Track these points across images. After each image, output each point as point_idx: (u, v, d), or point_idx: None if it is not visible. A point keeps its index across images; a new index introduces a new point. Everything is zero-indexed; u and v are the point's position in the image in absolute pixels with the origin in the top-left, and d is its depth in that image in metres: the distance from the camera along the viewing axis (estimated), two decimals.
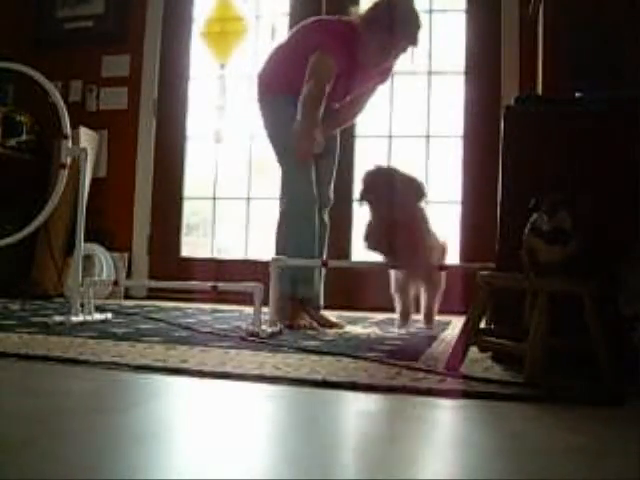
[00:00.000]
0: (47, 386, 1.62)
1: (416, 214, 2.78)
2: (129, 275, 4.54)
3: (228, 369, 1.80)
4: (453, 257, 4.20)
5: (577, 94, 2.12)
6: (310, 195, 2.92)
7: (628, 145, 1.98)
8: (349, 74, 2.86)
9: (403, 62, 3.03)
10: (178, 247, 4.65)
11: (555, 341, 1.75)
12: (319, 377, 1.72)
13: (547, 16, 2.56)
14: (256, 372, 1.77)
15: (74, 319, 2.72)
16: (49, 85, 3.03)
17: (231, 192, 4.72)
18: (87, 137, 4.44)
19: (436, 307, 3.00)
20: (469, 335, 1.89)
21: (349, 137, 4.41)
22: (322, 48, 2.76)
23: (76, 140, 4.19)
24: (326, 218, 3.17)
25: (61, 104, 2.98)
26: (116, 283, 3.90)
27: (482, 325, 2.00)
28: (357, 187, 4.37)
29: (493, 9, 4.21)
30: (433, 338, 2.66)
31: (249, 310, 2.97)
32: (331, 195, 3.16)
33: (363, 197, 2.77)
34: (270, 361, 1.95)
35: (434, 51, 4.37)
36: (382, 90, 4.37)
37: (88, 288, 2.89)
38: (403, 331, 2.81)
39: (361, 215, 4.39)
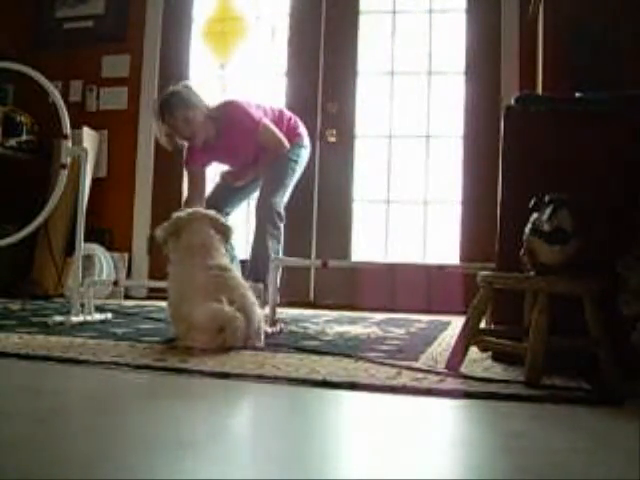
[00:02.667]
0: (47, 386, 1.62)
1: None
2: (129, 275, 4.54)
3: (228, 369, 1.80)
4: (453, 257, 4.22)
5: (577, 94, 2.12)
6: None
7: (628, 145, 1.98)
8: (215, 153, 3.48)
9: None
10: None
11: (555, 341, 1.75)
12: (319, 377, 1.71)
13: (547, 16, 2.56)
14: (256, 372, 1.77)
15: (74, 319, 2.72)
16: (49, 85, 3.02)
17: None
18: (89, 137, 4.44)
19: None
20: (469, 335, 1.89)
21: (349, 137, 4.42)
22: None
23: (79, 140, 4.19)
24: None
25: (61, 104, 2.98)
26: (116, 283, 3.90)
27: (482, 325, 2.00)
28: (357, 187, 4.42)
29: (493, 9, 4.21)
30: (433, 338, 2.66)
31: None
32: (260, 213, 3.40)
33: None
34: (270, 361, 1.95)
35: (434, 51, 4.37)
36: (382, 90, 4.41)
37: (88, 288, 2.89)
38: None
39: (361, 215, 4.42)
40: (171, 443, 1.16)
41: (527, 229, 1.82)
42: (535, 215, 1.81)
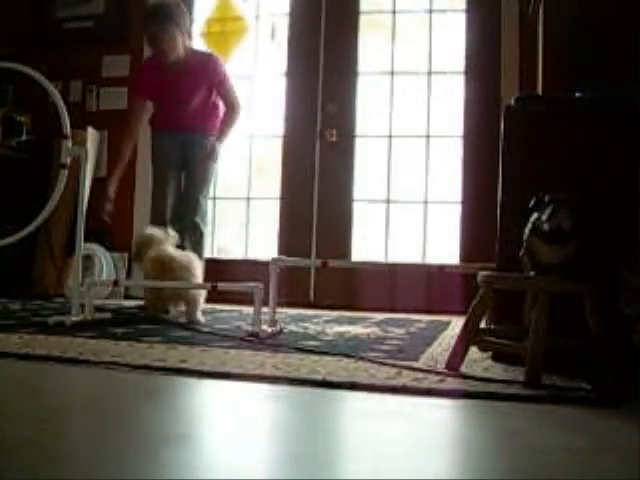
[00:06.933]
0: (47, 386, 1.62)
1: None
2: (129, 275, 4.54)
3: (228, 369, 1.80)
4: (453, 257, 4.22)
5: (577, 94, 2.12)
6: (156, 210, 3.63)
7: (628, 145, 1.98)
8: (167, 87, 3.50)
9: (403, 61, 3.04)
10: None
11: (555, 341, 1.75)
12: (319, 377, 1.72)
13: (547, 16, 2.56)
14: (256, 372, 1.77)
15: (74, 319, 2.72)
16: (49, 85, 3.02)
17: (231, 192, 4.72)
18: (91, 137, 4.44)
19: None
20: (469, 335, 1.89)
21: (349, 137, 4.42)
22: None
23: (83, 140, 4.19)
24: (199, 222, 3.62)
25: (61, 104, 2.98)
26: (116, 283, 3.90)
27: (482, 325, 2.00)
28: (357, 187, 4.42)
29: (493, 9, 4.21)
30: (433, 338, 2.66)
31: (249, 310, 2.97)
32: (201, 201, 3.60)
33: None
34: (270, 361, 1.95)
35: (434, 51, 4.37)
36: (382, 90, 4.41)
37: (88, 288, 2.89)
38: None
39: (361, 215, 4.42)
40: (171, 443, 1.16)
41: (527, 229, 1.82)
42: (535, 215, 1.81)
